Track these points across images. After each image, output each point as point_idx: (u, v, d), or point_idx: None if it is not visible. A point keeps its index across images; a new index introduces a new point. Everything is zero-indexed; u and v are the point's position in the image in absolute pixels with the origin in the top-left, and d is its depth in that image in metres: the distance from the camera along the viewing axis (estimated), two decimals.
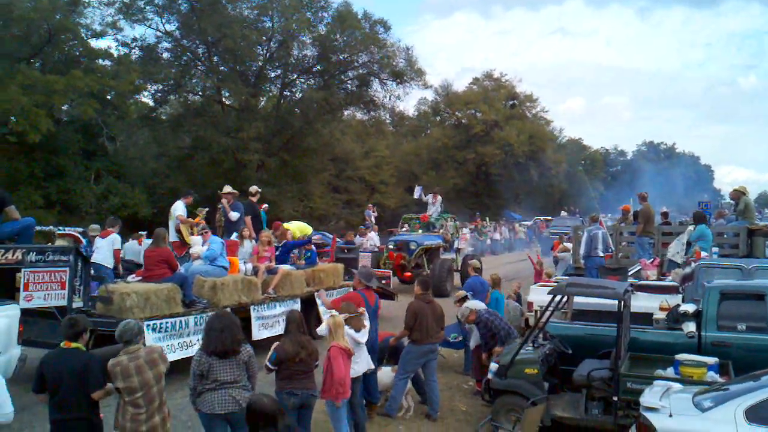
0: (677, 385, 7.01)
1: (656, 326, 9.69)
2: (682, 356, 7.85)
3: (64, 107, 28.34)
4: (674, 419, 6.18)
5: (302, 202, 37.71)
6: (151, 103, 36.78)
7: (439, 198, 24.59)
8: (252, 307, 11.93)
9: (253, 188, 15.43)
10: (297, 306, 12.61)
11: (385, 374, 9.41)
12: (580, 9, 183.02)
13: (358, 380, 8.01)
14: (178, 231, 12.93)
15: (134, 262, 13.90)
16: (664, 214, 20.45)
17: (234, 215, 14.04)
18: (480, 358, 10.20)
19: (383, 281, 16.60)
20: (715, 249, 13.82)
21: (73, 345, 5.82)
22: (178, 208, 13.13)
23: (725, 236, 15.50)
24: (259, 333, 12.02)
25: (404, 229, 23.59)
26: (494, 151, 54.67)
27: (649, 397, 6.59)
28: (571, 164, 65.17)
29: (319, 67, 38.15)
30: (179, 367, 9.32)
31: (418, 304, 9.25)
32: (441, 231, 22.69)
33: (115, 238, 12.20)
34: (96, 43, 31.10)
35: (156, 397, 5.82)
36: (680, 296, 11.52)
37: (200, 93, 37.26)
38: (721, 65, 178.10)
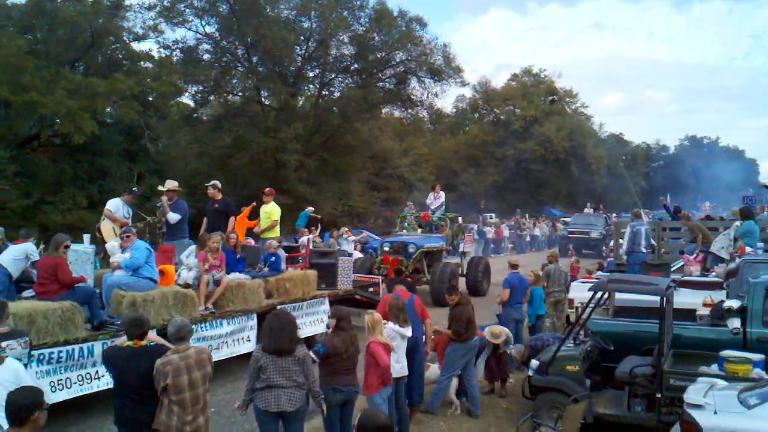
0: (722, 382, 6.93)
1: (700, 322, 9.58)
2: (726, 353, 7.74)
3: (108, 109, 28.84)
4: (719, 416, 6.11)
5: (341, 201, 37.86)
6: (191, 104, 37.26)
7: (442, 194, 21.68)
8: (153, 332, 9.73)
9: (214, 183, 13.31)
10: (253, 323, 11.01)
11: (433, 372, 9.53)
12: (616, 3, 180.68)
13: (402, 379, 8.07)
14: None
15: None
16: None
17: (173, 217, 11.94)
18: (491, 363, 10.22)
19: (370, 289, 14.93)
20: (761, 244, 13.60)
21: (143, 343, 5.92)
22: (110, 205, 11.66)
23: None
24: None
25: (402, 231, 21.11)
26: (534, 147, 54.39)
27: (693, 394, 6.52)
28: (612, 160, 64.37)
29: (356, 66, 38.23)
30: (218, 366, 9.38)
31: (465, 310, 9.27)
32: (444, 232, 20.22)
33: (25, 248, 9.52)
34: (137, 46, 31.71)
35: (201, 399, 5.84)
36: (724, 292, 11.34)
37: (240, 93, 37.64)
38: (763, 56, 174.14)
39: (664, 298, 7.87)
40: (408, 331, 8.01)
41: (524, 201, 53.23)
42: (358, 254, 21.73)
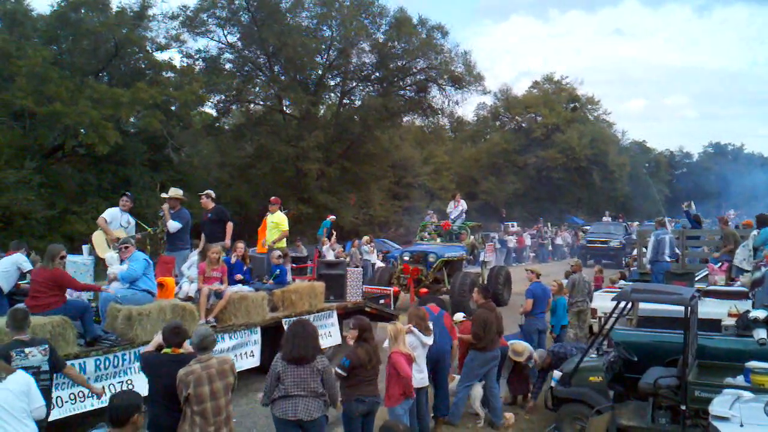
0: (748, 394, 6.84)
1: (725, 333, 9.47)
2: (752, 364, 7.65)
3: (131, 119, 29.10)
4: (745, 429, 6.03)
5: (362, 210, 37.92)
6: (213, 113, 37.52)
7: (463, 202, 21.37)
8: (186, 342, 9.42)
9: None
10: (257, 337, 10.76)
11: (456, 383, 9.50)
12: (637, 9, 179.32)
13: (423, 390, 8.04)
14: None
15: None
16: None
17: (173, 225, 11.52)
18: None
19: (381, 301, 14.47)
20: None
21: (181, 351, 6.02)
22: (107, 215, 11.13)
23: None
24: None
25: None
26: (555, 155, 54.15)
27: (718, 405, 6.44)
28: (635, 167, 63.93)
29: (377, 74, 38.34)
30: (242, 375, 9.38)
31: (484, 314, 9.24)
32: (465, 241, 19.94)
33: (15, 260, 9.45)
34: (160, 56, 31.96)
35: (223, 409, 5.80)
36: (750, 302, 11.20)
37: (261, 102, 37.88)
38: None
39: (689, 308, 7.79)
40: (429, 340, 7.98)
41: (546, 209, 52.96)
42: (380, 263, 21.75)
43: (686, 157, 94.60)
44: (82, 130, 24.59)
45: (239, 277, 11.15)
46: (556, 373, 8.59)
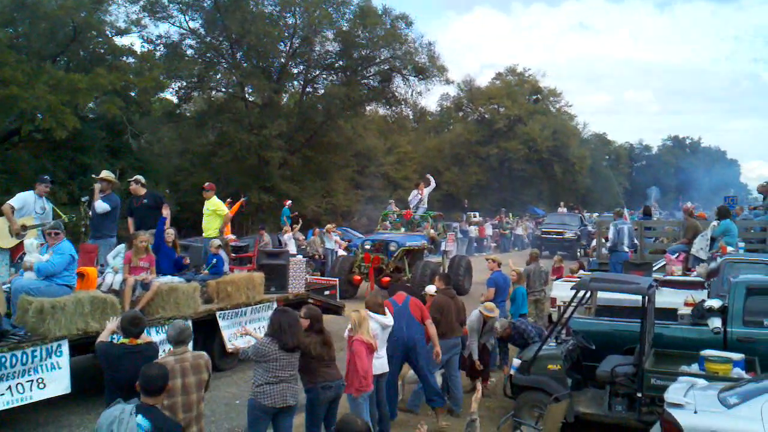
0: (702, 382, 6.94)
1: (681, 322, 9.61)
2: (707, 352, 7.77)
3: (90, 105, 28.59)
4: (699, 416, 6.11)
5: (325, 199, 37.81)
6: (174, 100, 37.07)
7: (426, 190, 21.06)
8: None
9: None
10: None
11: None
12: (600, 4, 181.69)
13: (383, 376, 7.98)
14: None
15: None
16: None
17: (101, 206, 10.64)
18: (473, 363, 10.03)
19: (326, 292, 13.83)
20: (741, 244, 13.66)
21: (138, 342, 5.76)
22: (16, 200, 10.08)
23: (752, 231, 15.32)
24: None
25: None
26: (517, 147, 54.48)
27: (673, 393, 6.51)
28: (596, 159, 64.68)
29: (341, 63, 38.23)
30: None
31: (442, 299, 9.24)
32: (426, 230, 19.94)
33: None
34: (120, 41, 31.39)
35: (194, 406, 5.64)
36: (706, 292, 11.38)
37: (224, 90, 37.45)
38: (746, 59, 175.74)
39: (646, 298, 7.87)
40: (388, 320, 7.91)
41: (508, 200, 53.37)
42: (343, 252, 21.70)
43: (646, 150, 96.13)
44: (39, 115, 24.08)
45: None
46: (516, 361, 8.63)
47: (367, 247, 18.70)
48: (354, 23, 36.40)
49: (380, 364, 7.75)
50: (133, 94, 29.82)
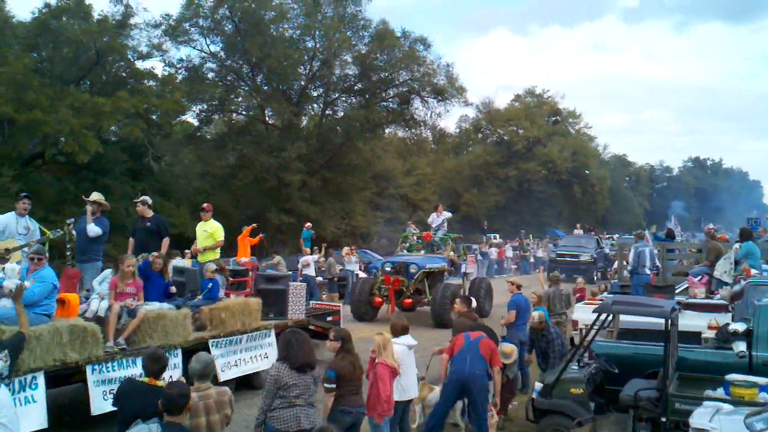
0: (728, 406, 6.84)
1: (705, 345, 9.49)
2: (732, 376, 7.65)
3: (112, 128, 28.91)
4: None
5: (344, 220, 37.87)
6: (195, 122, 37.43)
7: (446, 213, 21.21)
8: (88, 368, 8.08)
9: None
10: (177, 360, 9.20)
11: (435, 395, 9.25)
12: (615, 24, 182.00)
13: (408, 402, 7.89)
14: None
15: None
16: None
17: (93, 229, 10.31)
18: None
19: (329, 318, 13.29)
20: (766, 266, 13.49)
21: (158, 383, 5.48)
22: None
23: None
24: (102, 405, 8.11)
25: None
26: (536, 168, 54.48)
27: (698, 418, 6.43)
28: (616, 181, 64.41)
29: (360, 86, 38.48)
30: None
31: (461, 321, 9.14)
32: (446, 252, 19.67)
33: None
34: (142, 64, 31.84)
35: None
36: (730, 315, 11.25)
37: (244, 112, 37.86)
38: (766, 78, 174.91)
39: (669, 321, 7.79)
40: (412, 340, 7.87)
41: (527, 222, 53.18)
42: (362, 274, 21.70)
43: (666, 171, 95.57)
44: (62, 139, 24.40)
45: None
46: (537, 385, 8.55)
47: (388, 269, 18.53)
48: (373, 46, 36.66)
49: (404, 388, 7.66)
50: (154, 117, 30.17)
